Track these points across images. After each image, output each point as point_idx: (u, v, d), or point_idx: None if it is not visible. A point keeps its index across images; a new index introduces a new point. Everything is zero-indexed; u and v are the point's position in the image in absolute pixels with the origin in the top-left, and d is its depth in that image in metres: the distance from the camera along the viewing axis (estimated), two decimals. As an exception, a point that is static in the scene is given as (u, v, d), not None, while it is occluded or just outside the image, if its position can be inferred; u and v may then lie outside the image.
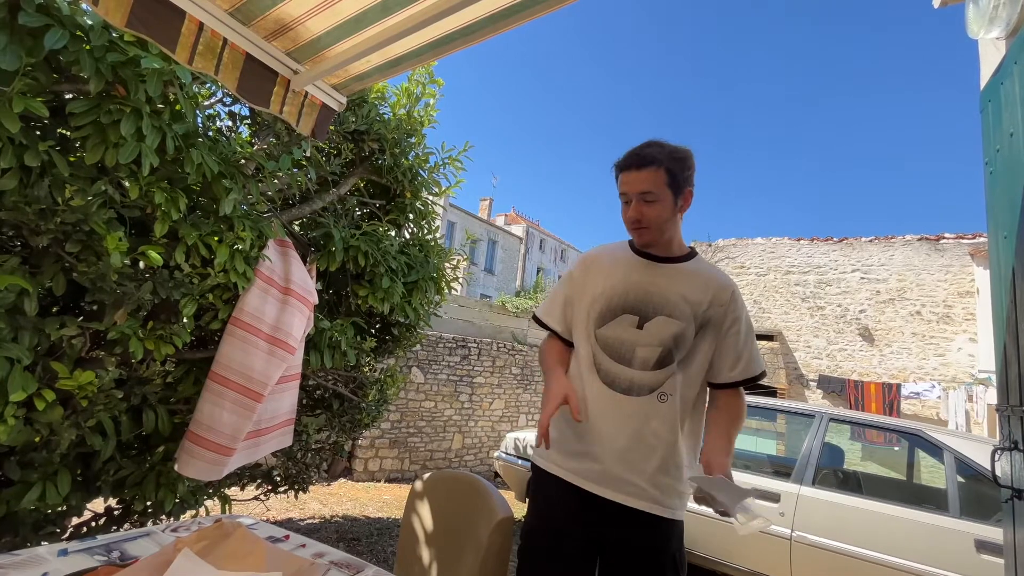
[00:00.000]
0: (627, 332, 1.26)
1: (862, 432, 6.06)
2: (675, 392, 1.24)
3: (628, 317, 1.27)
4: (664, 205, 1.25)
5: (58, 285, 1.48)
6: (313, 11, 1.35)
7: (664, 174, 1.23)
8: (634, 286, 1.29)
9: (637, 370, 1.25)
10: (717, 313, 1.27)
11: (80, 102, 1.41)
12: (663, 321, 1.25)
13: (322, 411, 2.77)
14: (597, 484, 1.23)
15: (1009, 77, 1.63)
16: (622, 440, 1.23)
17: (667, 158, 1.23)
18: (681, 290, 1.27)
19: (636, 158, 1.25)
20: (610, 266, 1.35)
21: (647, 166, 1.23)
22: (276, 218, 2.19)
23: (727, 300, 1.29)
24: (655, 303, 1.26)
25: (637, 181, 1.24)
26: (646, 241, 1.30)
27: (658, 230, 1.27)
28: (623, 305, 1.28)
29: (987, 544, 2.53)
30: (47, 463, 1.52)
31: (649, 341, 1.24)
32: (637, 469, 1.22)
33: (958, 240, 10.25)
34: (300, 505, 4.31)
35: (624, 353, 1.26)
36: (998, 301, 1.68)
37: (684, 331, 1.25)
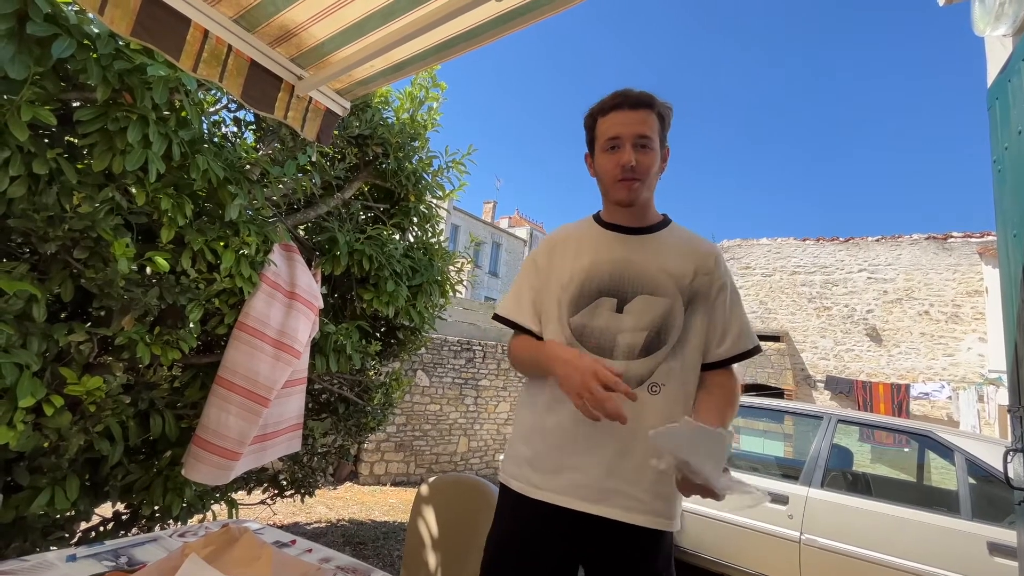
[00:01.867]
0: (606, 318, 1.09)
1: (871, 433, 6.01)
2: (669, 381, 1.06)
3: (605, 300, 1.10)
4: (655, 156, 1.10)
5: (66, 291, 1.49)
6: (317, 17, 1.36)
7: (656, 121, 1.10)
8: (608, 264, 1.13)
9: (621, 360, 1.07)
10: (703, 283, 1.11)
11: (87, 110, 1.42)
12: (645, 300, 1.08)
13: (328, 415, 2.78)
14: (586, 500, 1.04)
15: (1017, 74, 1.62)
16: (611, 445, 1.04)
17: (658, 104, 1.11)
18: (661, 263, 1.11)
19: (633, 96, 1.10)
20: (578, 245, 1.18)
21: (643, 107, 1.09)
22: (281, 223, 2.20)
23: (712, 267, 1.13)
24: (634, 281, 1.10)
25: (634, 121, 1.08)
26: (634, 197, 1.11)
27: (647, 186, 1.12)
28: (598, 287, 1.11)
29: (1001, 547, 2.50)
30: (56, 468, 1.53)
31: (632, 325, 1.07)
32: (633, 478, 1.03)
33: (966, 239, 10.17)
34: (306, 509, 4.32)
35: (604, 342, 1.08)
36: (1008, 300, 1.66)
37: (671, 309, 1.08)
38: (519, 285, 1.25)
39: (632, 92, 1.11)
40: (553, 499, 1.06)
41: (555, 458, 1.08)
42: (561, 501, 1.05)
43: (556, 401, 1.09)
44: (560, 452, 1.07)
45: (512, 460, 1.15)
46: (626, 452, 1.04)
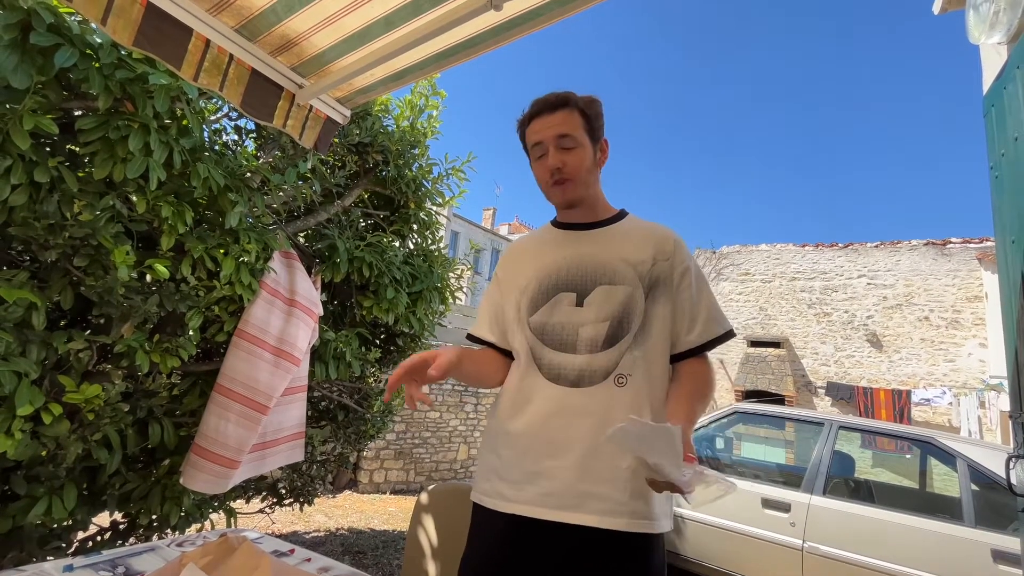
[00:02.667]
0: (566, 313, 1.07)
1: (873, 440, 5.99)
2: (635, 371, 1.02)
3: (564, 295, 1.08)
4: (584, 153, 1.09)
5: (66, 299, 1.49)
6: (318, 27, 1.37)
7: (580, 118, 1.09)
8: (566, 260, 1.11)
9: (584, 354, 1.03)
10: (663, 269, 1.08)
11: (89, 118, 1.43)
12: (605, 291, 1.06)
13: (327, 423, 2.77)
14: (559, 509, 0.97)
15: (1012, 82, 1.63)
16: (580, 445, 0.99)
17: (580, 102, 1.10)
18: (619, 252, 1.09)
19: (548, 100, 1.10)
20: (536, 250, 1.19)
21: (561, 108, 1.08)
22: (281, 230, 2.20)
23: (671, 251, 1.10)
24: (592, 273, 1.08)
25: (555, 123, 1.08)
26: (570, 198, 1.11)
27: (582, 183, 1.10)
28: (556, 284, 1.10)
29: (1005, 554, 2.48)
30: (53, 477, 1.52)
31: (593, 317, 1.04)
32: (606, 478, 0.97)
33: (965, 244, 10.19)
34: (305, 518, 4.29)
35: (566, 338, 1.05)
36: (1008, 306, 1.66)
37: (631, 296, 1.05)
38: (482, 302, 1.26)
39: (549, 96, 1.11)
40: (525, 511, 0.99)
41: (524, 465, 1.02)
42: (534, 512, 0.98)
43: (519, 404, 1.07)
44: (528, 458, 1.02)
45: (482, 474, 1.10)
46: (597, 451, 0.98)
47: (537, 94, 1.18)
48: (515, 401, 1.08)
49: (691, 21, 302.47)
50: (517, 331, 1.12)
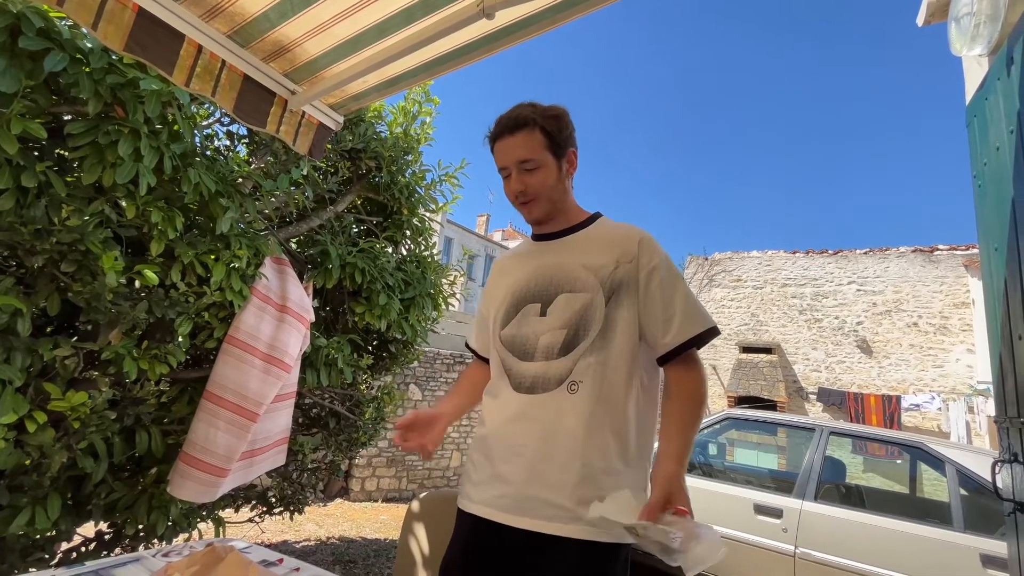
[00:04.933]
0: (530, 324, 1.09)
1: (863, 445, 6.03)
2: (587, 378, 1.01)
3: (531, 307, 1.10)
4: (547, 171, 1.10)
5: (52, 305, 1.47)
6: (310, 33, 1.38)
7: (541, 135, 1.09)
8: (534, 272, 1.14)
9: (540, 362, 1.05)
10: (627, 271, 1.06)
11: (78, 123, 1.42)
12: (565, 299, 1.07)
13: (318, 430, 2.74)
14: (510, 512, 0.99)
15: (993, 93, 1.67)
16: (530, 451, 1.00)
17: (540, 117, 1.09)
18: (581, 258, 1.10)
19: (507, 121, 1.11)
20: (513, 264, 1.22)
21: (520, 129, 1.09)
22: (273, 236, 2.19)
23: (635, 252, 1.07)
24: (556, 282, 1.09)
25: (512, 148, 1.10)
26: (537, 216, 1.15)
27: (547, 200, 1.12)
28: (524, 296, 1.12)
29: (994, 559, 2.50)
30: (37, 486, 1.50)
31: (552, 325, 1.06)
32: (554, 484, 0.97)
33: (952, 251, 10.34)
34: (296, 527, 4.24)
35: (528, 348, 1.08)
36: (992, 313, 1.69)
37: (590, 303, 1.05)
38: (477, 313, 1.34)
39: (507, 117, 1.12)
40: (482, 512, 1.03)
41: (486, 468, 1.07)
42: (489, 514, 1.02)
43: (488, 411, 1.14)
44: (489, 461, 1.07)
45: (462, 477, 1.18)
46: (547, 456, 0.99)
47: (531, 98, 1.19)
48: (486, 408, 1.15)
49: (682, 31, 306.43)
50: (492, 344, 1.18)
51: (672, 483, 0.90)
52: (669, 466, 0.93)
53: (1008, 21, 1.70)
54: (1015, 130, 1.48)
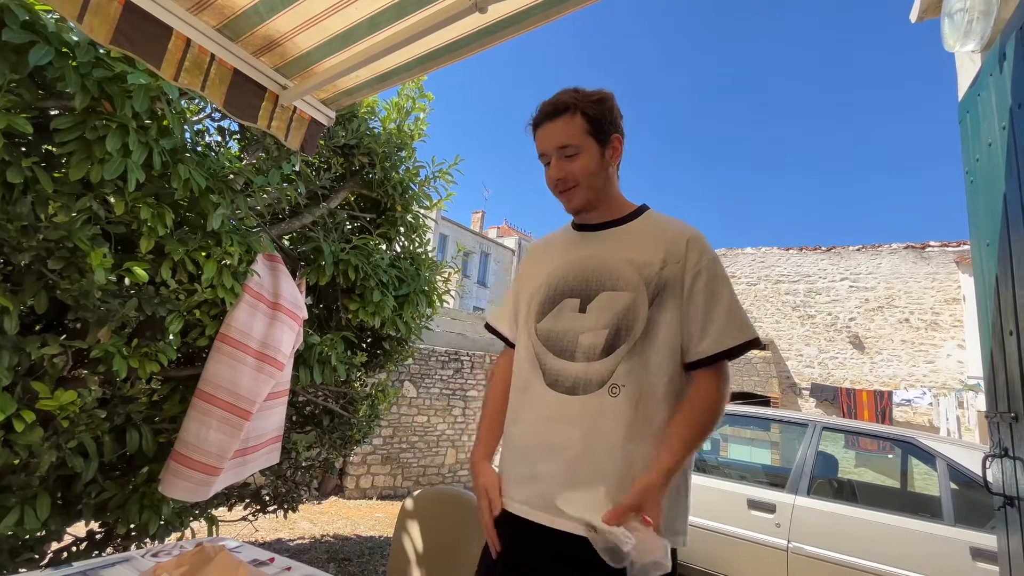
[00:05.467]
0: (569, 320, 1.05)
1: (855, 440, 6.08)
2: (628, 382, 0.98)
3: (569, 302, 1.06)
4: (589, 157, 1.06)
5: (40, 303, 1.45)
6: (301, 27, 1.36)
7: (582, 120, 1.05)
8: (573, 264, 1.10)
9: (581, 362, 1.01)
10: (673, 272, 1.01)
11: (65, 118, 1.40)
12: (607, 297, 1.03)
13: (312, 428, 2.73)
14: (543, 511, 0.98)
15: (985, 89, 1.67)
16: (568, 452, 0.98)
17: (583, 102, 1.05)
18: (626, 254, 1.05)
19: (547, 107, 1.08)
20: (551, 251, 1.18)
21: (560, 115, 1.06)
22: (265, 233, 2.17)
23: (683, 252, 1.02)
24: (598, 278, 1.05)
25: (552, 134, 1.06)
26: (578, 205, 1.10)
27: (588, 188, 1.08)
28: (563, 289, 1.08)
29: (983, 552, 2.53)
30: (26, 486, 1.48)
31: (593, 325, 1.02)
32: (589, 488, 0.95)
33: (943, 248, 10.42)
34: (290, 525, 4.22)
35: (566, 345, 1.04)
36: (983, 308, 1.70)
37: (633, 303, 1.00)
38: (506, 295, 1.27)
39: (548, 102, 1.08)
40: (520, 511, 1.01)
41: (520, 467, 1.04)
42: (526, 513, 1.00)
43: (521, 407, 1.09)
44: (524, 460, 1.04)
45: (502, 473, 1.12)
46: (585, 458, 0.97)
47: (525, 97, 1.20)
48: (518, 404, 1.10)
49: (675, 26, 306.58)
50: (523, 333, 1.13)
51: (648, 494, 0.88)
52: (652, 477, 0.90)
53: (1001, 17, 1.70)
54: (1007, 126, 1.49)
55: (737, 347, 0.99)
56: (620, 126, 1.10)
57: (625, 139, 1.12)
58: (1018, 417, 1.44)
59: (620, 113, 1.11)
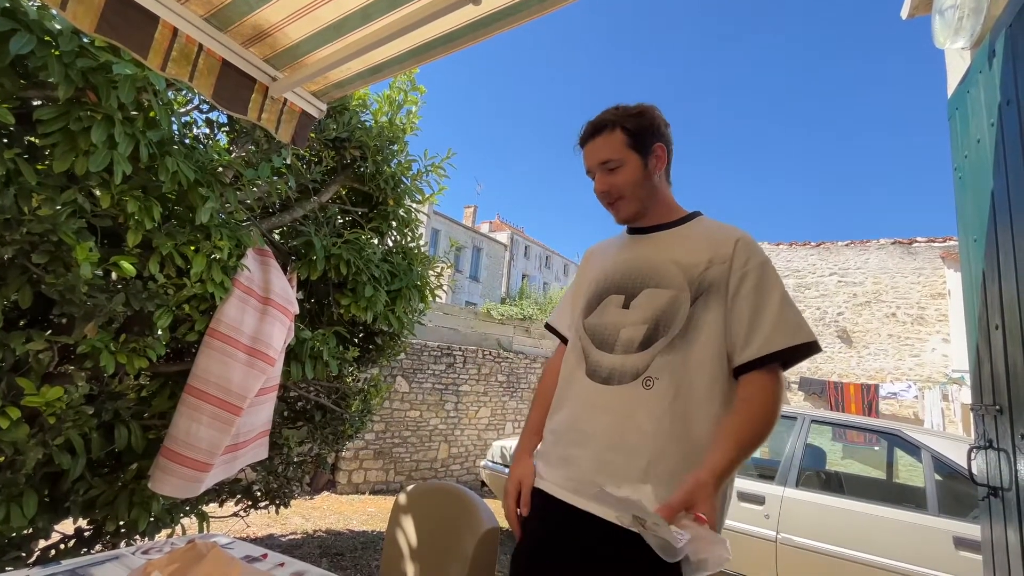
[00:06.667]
0: (613, 314, 1.09)
1: (843, 433, 6.17)
2: (663, 375, 0.98)
3: (614, 298, 1.10)
4: (631, 169, 1.10)
5: (24, 297, 1.42)
6: (292, 17, 1.34)
7: (622, 135, 1.10)
8: (622, 263, 1.14)
9: (619, 354, 1.04)
10: (719, 272, 1.02)
11: (48, 108, 1.36)
12: (650, 294, 1.05)
13: (304, 423, 2.72)
14: (575, 494, 1.01)
15: (975, 85, 1.69)
16: (601, 440, 1.01)
17: (621, 118, 1.11)
18: (672, 255, 1.08)
19: (588, 127, 1.15)
20: (602, 253, 1.24)
21: (600, 132, 1.12)
22: (255, 227, 2.15)
23: (729, 254, 1.03)
24: (643, 276, 1.09)
25: (594, 151, 1.13)
26: (625, 216, 1.16)
27: (634, 199, 1.12)
28: (608, 287, 1.13)
29: (965, 541, 2.58)
30: (11, 484, 1.45)
31: (635, 319, 1.05)
32: (619, 476, 0.97)
33: (929, 243, 10.57)
34: (282, 520, 4.21)
35: (608, 338, 1.08)
36: (970, 303, 1.73)
37: (675, 300, 1.02)
38: (563, 296, 1.34)
39: (591, 122, 1.14)
40: (552, 490, 1.05)
41: (557, 450, 1.09)
42: (558, 493, 1.04)
43: (562, 395, 1.14)
44: (560, 445, 1.09)
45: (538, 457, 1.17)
46: (614, 447, 0.99)
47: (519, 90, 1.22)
48: (561, 393, 1.15)
49: (671, 21, 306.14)
50: (573, 328, 1.20)
51: (700, 490, 0.86)
52: (704, 473, 0.88)
53: (991, 14, 1.72)
54: (996, 122, 1.50)
55: (790, 349, 0.96)
56: (665, 134, 1.14)
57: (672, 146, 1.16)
58: (1003, 410, 1.46)
59: (665, 122, 1.15)
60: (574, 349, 1.16)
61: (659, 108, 1.16)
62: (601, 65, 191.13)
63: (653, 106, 1.14)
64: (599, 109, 1.17)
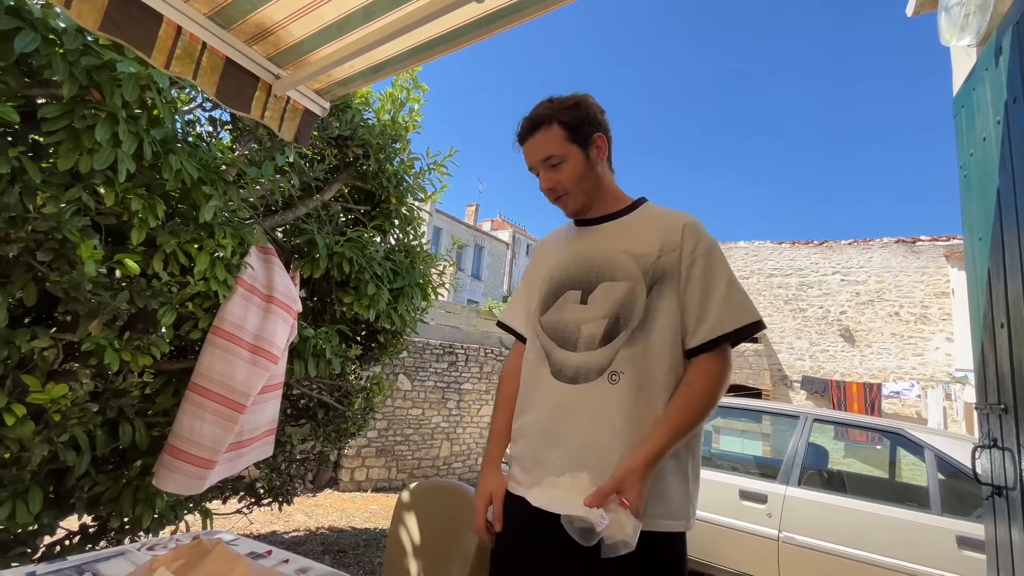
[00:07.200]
0: (572, 311, 1.08)
1: (845, 432, 6.16)
2: (628, 369, 1.00)
3: (571, 294, 1.10)
4: (573, 162, 1.09)
5: (29, 295, 1.42)
6: (295, 15, 1.34)
7: (560, 129, 1.08)
8: (574, 257, 1.13)
9: (582, 352, 1.04)
10: (670, 260, 1.04)
11: (53, 107, 1.37)
12: (607, 287, 1.05)
13: (307, 421, 2.72)
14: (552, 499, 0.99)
15: (981, 83, 1.68)
16: (575, 439, 1.00)
17: (557, 111, 1.09)
18: (624, 245, 1.08)
19: (525, 124, 1.12)
20: (552, 247, 1.22)
21: (537, 129, 1.10)
22: (258, 225, 2.15)
23: (679, 240, 1.04)
24: (597, 269, 1.08)
25: (534, 149, 1.11)
26: (573, 209, 1.15)
27: (580, 192, 1.12)
28: (564, 282, 1.12)
29: (968, 540, 2.58)
30: (17, 480, 1.46)
31: (594, 315, 1.05)
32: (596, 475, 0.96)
33: (933, 242, 10.53)
34: (285, 517, 4.22)
35: (569, 336, 1.06)
36: (975, 301, 1.72)
37: (631, 292, 1.03)
38: (515, 292, 1.30)
39: (527, 118, 1.12)
40: (527, 495, 1.02)
41: (530, 454, 1.07)
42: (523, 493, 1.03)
43: (528, 398, 1.12)
44: (533, 447, 1.06)
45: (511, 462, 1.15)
46: (589, 444, 0.99)
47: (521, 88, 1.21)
48: (527, 396, 1.13)
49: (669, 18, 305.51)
50: (531, 327, 1.17)
51: (629, 476, 0.90)
52: (634, 461, 0.92)
53: (997, 11, 1.71)
54: (1002, 120, 1.50)
55: (737, 330, 1.00)
56: (602, 122, 1.13)
57: (611, 133, 1.15)
58: (1007, 408, 1.46)
59: (601, 109, 1.13)
60: (534, 348, 1.14)
61: (594, 97, 1.13)
62: (601, 65, 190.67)
63: (587, 95, 1.13)
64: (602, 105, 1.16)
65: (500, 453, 1.17)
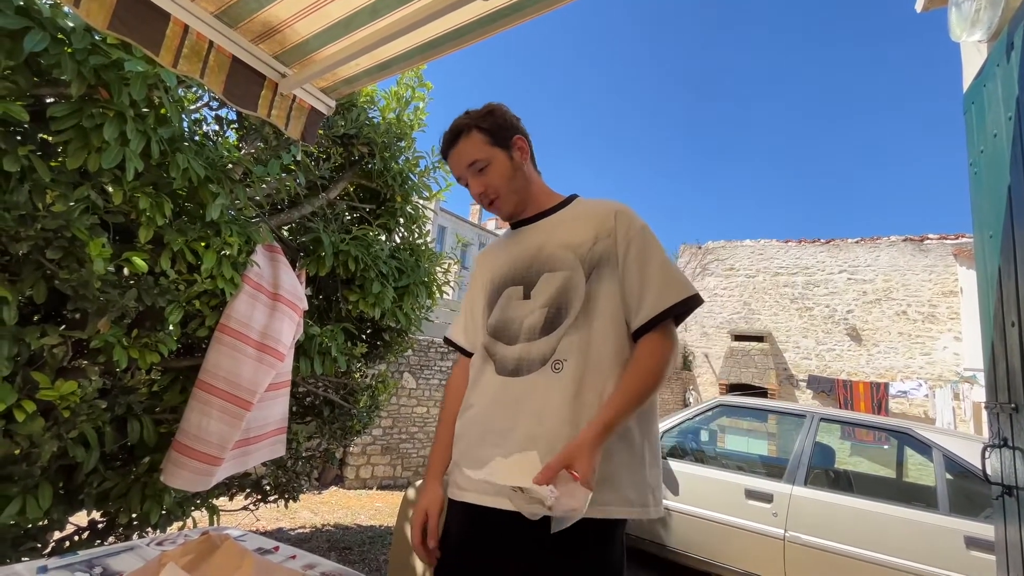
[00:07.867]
0: (516, 308, 1.08)
1: (852, 431, 6.13)
2: (571, 356, 0.99)
3: (513, 290, 1.10)
4: (499, 164, 1.12)
5: (39, 293, 1.44)
6: (301, 14, 1.34)
7: (480, 135, 1.12)
8: (513, 256, 1.15)
9: (523, 343, 1.04)
10: (606, 246, 1.06)
11: (61, 106, 1.38)
12: (547, 278, 1.06)
13: (312, 418, 2.74)
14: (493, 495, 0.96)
15: (992, 79, 1.66)
16: (518, 432, 0.98)
17: (474, 120, 1.13)
18: (560, 239, 1.10)
19: (447, 137, 1.16)
20: (492, 254, 1.24)
21: (458, 139, 1.14)
22: (264, 223, 2.16)
23: (612, 227, 1.07)
24: (537, 263, 1.10)
25: (459, 157, 1.14)
26: (507, 211, 1.17)
27: (511, 193, 1.14)
28: (505, 280, 1.13)
29: (977, 541, 2.56)
30: (27, 476, 1.48)
31: (535, 306, 1.05)
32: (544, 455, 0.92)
33: (941, 240, 10.44)
34: (291, 514, 4.25)
35: (513, 331, 1.07)
36: (985, 300, 1.70)
37: (569, 279, 1.04)
38: (461, 307, 1.30)
39: (447, 131, 1.16)
40: (475, 499, 0.99)
41: (474, 453, 1.03)
42: (482, 500, 0.98)
43: (471, 396, 1.11)
44: (478, 445, 1.03)
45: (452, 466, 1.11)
46: (535, 437, 0.96)
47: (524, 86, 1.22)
48: (469, 394, 1.12)
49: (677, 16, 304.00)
50: (480, 334, 1.16)
51: (579, 450, 0.88)
52: (585, 433, 0.91)
53: (1009, 6, 1.69)
54: (1013, 116, 1.48)
55: (677, 305, 1.01)
56: (519, 127, 1.17)
57: (529, 137, 1.18)
58: (1018, 408, 1.44)
59: (515, 116, 1.18)
60: (480, 352, 1.13)
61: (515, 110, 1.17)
62: (603, 64, 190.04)
63: (500, 103, 1.17)
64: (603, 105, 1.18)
65: (442, 467, 1.14)
